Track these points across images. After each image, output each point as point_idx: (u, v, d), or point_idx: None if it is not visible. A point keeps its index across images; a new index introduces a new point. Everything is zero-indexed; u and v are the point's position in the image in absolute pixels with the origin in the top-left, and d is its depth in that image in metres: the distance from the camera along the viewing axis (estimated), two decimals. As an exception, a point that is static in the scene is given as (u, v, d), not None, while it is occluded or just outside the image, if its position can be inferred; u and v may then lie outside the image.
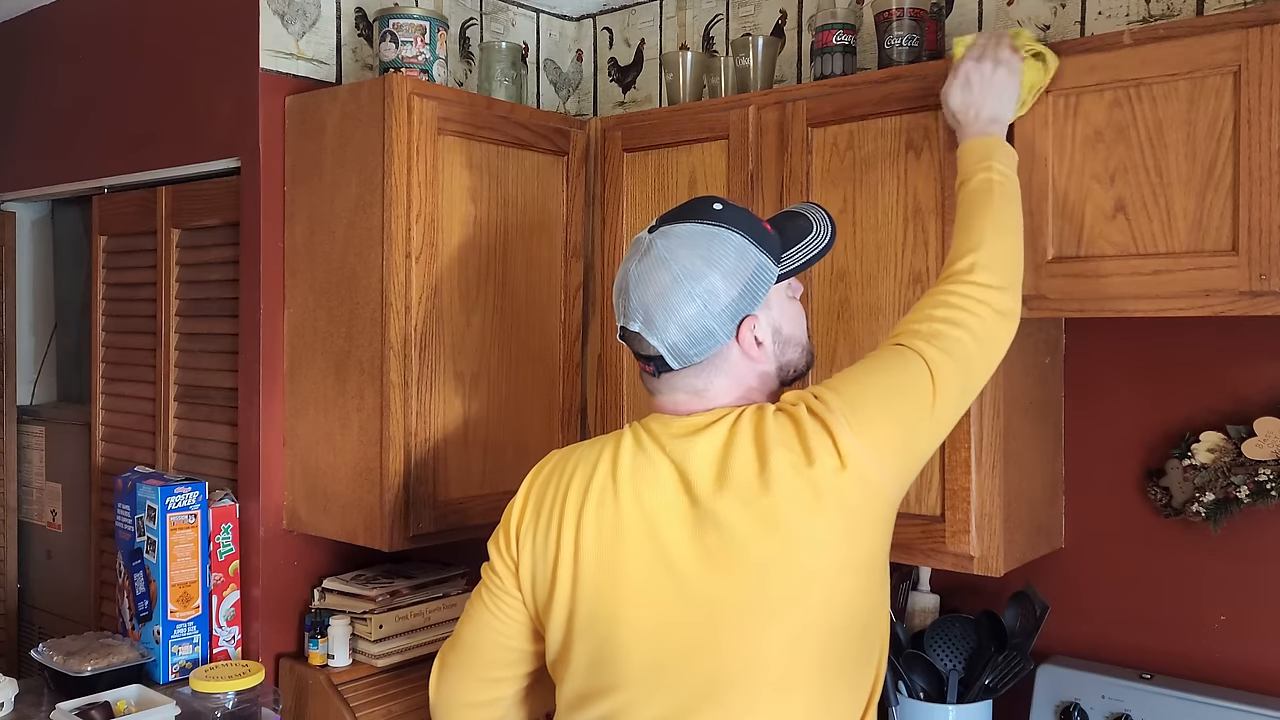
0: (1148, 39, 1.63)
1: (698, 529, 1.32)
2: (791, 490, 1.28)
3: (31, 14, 2.85)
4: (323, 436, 2.12)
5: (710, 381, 1.39)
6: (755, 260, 1.37)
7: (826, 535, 1.29)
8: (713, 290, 1.35)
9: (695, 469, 1.34)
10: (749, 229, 1.39)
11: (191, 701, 1.98)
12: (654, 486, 1.36)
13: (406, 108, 1.99)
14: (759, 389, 1.42)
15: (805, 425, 1.31)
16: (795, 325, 1.45)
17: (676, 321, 1.35)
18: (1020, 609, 1.94)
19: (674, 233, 1.38)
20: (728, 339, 1.37)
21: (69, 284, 3.12)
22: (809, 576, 1.29)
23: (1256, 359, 1.85)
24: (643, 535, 1.35)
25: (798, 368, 1.46)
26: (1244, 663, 1.87)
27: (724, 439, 1.34)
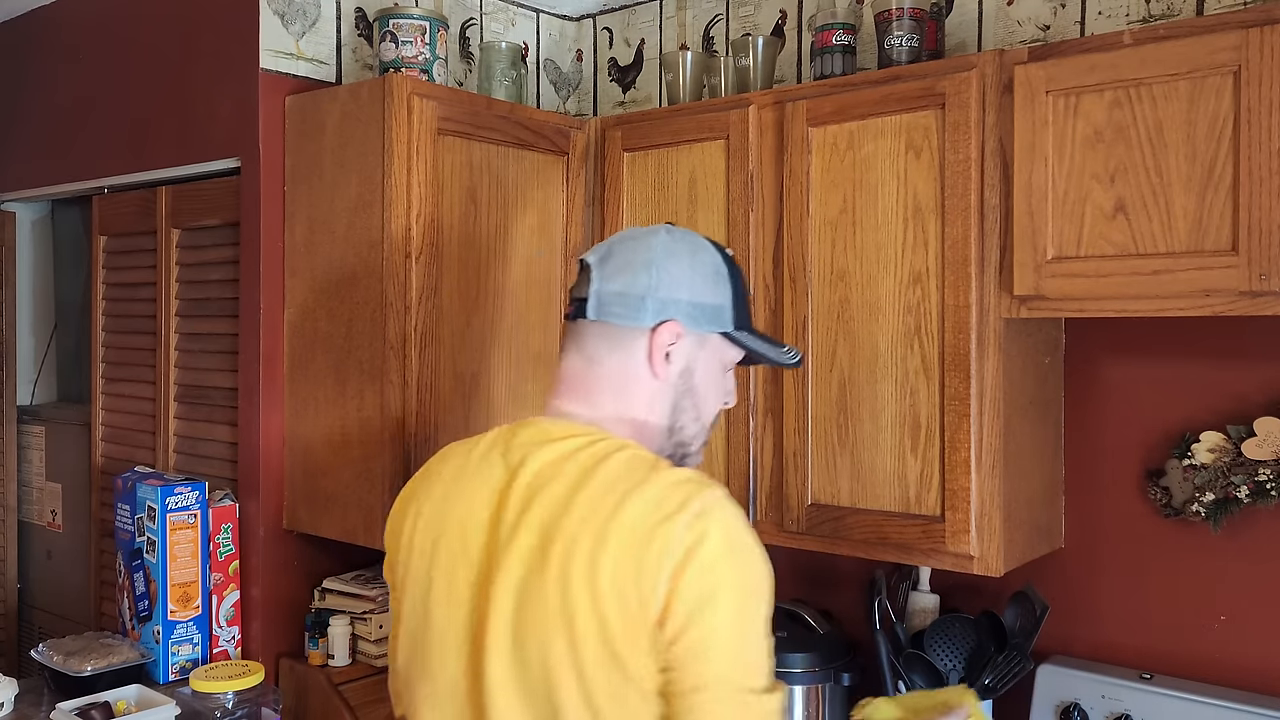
0: (1148, 39, 1.63)
1: (489, 542, 1.24)
2: (575, 525, 1.18)
3: (31, 14, 2.85)
4: (323, 437, 2.12)
5: (607, 355, 1.32)
6: (725, 302, 1.34)
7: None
8: (673, 278, 1.31)
9: (518, 481, 1.25)
10: (739, 284, 1.37)
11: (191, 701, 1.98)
12: (478, 490, 1.28)
13: (406, 108, 1.99)
14: (643, 404, 1.32)
15: (653, 485, 1.19)
16: (708, 388, 1.36)
17: (624, 273, 1.31)
18: (1020, 609, 1.94)
19: (686, 232, 1.38)
20: (647, 325, 1.30)
21: (69, 284, 3.12)
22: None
23: (1256, 359, 1.85)
24: (455, 541, 1.27)
25: (685, 431, 1.35)
26: (1244, 663, 1.87)
27: (562, 454, 1.25)
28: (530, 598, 1.18)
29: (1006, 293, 1.78)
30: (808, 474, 1.97)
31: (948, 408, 1.81)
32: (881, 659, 1.95)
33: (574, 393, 1.34)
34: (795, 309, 1.99)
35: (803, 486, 1.98)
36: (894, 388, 1.88)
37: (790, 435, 1.99)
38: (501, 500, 1.26)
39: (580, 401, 1.33)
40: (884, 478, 1.89)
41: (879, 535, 1.88)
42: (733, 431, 2.08)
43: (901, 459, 1.87)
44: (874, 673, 2.01)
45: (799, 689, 2.04)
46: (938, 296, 1.83)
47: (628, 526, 1.16)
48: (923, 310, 1.85)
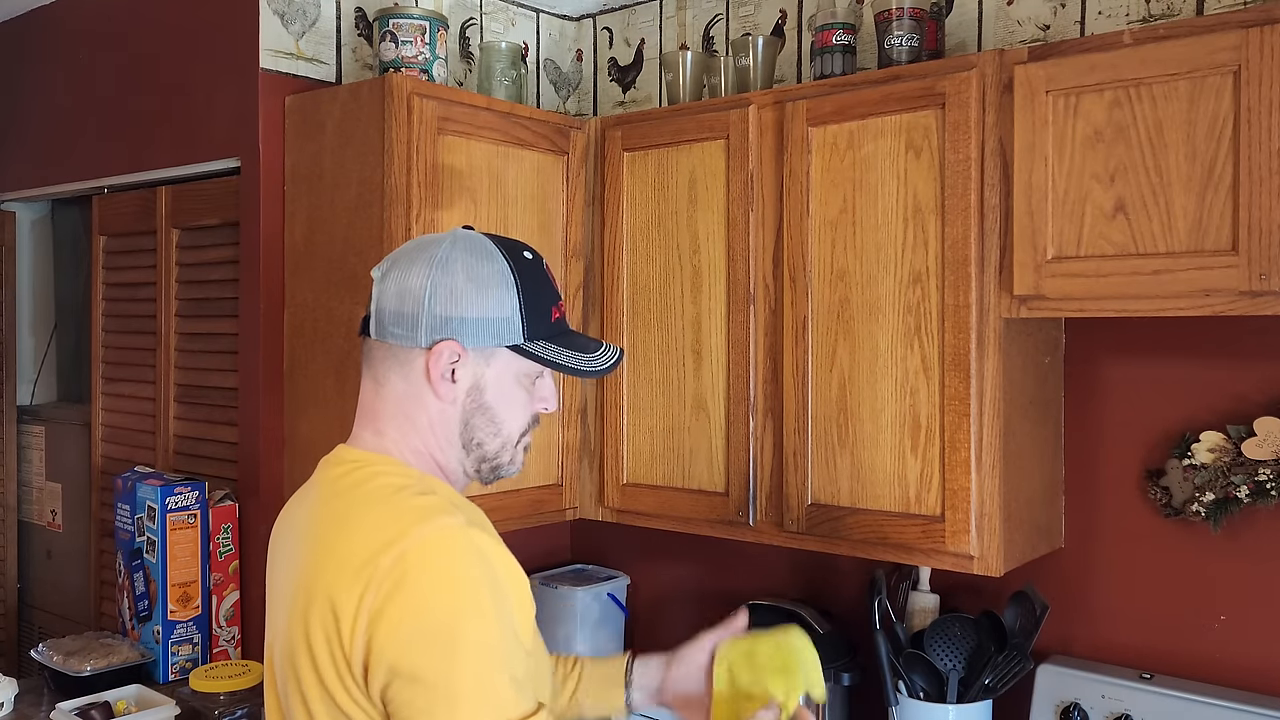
0: (1148, 39, 1.63)
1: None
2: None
3: (31, 14, 2.85)
4: (323, 436, 2.12)
5: (389, 375, 1.27)
6: (508, 314, 1.24)
7: None
8: (449, 295, 1.23)
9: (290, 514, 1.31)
10: (530, 292, 1.26)
11: (191, 701, 1.98)
12: (287, 527, 1.30)
13: (406, 108, 1.99)
14: (429, 428, 1.27)
15: (359, 517, 1.18)
16: (504, 405, 1.28)
17: (399, 290, 1.24)
18: (1020, 609, 1.94)
19: (473, 239, 1.28)
20: (423, 344, 1.24)
21: (69, 284, 3.12)
22: None
23: (1256, 359, 1.85)
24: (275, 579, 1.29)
25: (484, 446, 1.29)
26: (1244, 663, 1.87)
27: (316, 487, 1.28)
28: (283, 640, 1.18)
29: (1006, 293, 1.78)
30: (808, 474, 1.97)
31: (948, 408, 1.81)
32: (881, 659, 1.95)
33: (364, 418, 1.30)
34: (795, 309, 1.99)
35: (803, 486, 1.98)
36: (894, 388, 1.88)
37: (790, 435, 1.99)
38: (285, 537, 1.28)
39: (369, 427, 1.29)
40: (884, 478, 1.89)
41: (879, 535, 1.88)
42: (733, 431, 2.08)
43: (901, 459, 1.87)
44: (874, 673, 2.01)
45: (799, 689, 2.04)
46: (938, 296, 1.83)
47: (337, 564, 1.13)
48: (923, 310, 1.85)
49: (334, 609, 1.10)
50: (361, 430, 1.31)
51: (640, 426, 2.24)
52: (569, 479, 2.32)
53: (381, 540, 1.12)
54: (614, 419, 2.27)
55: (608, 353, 1.34)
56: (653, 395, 2.22)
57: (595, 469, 2.32)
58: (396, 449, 1.27)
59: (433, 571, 1.11)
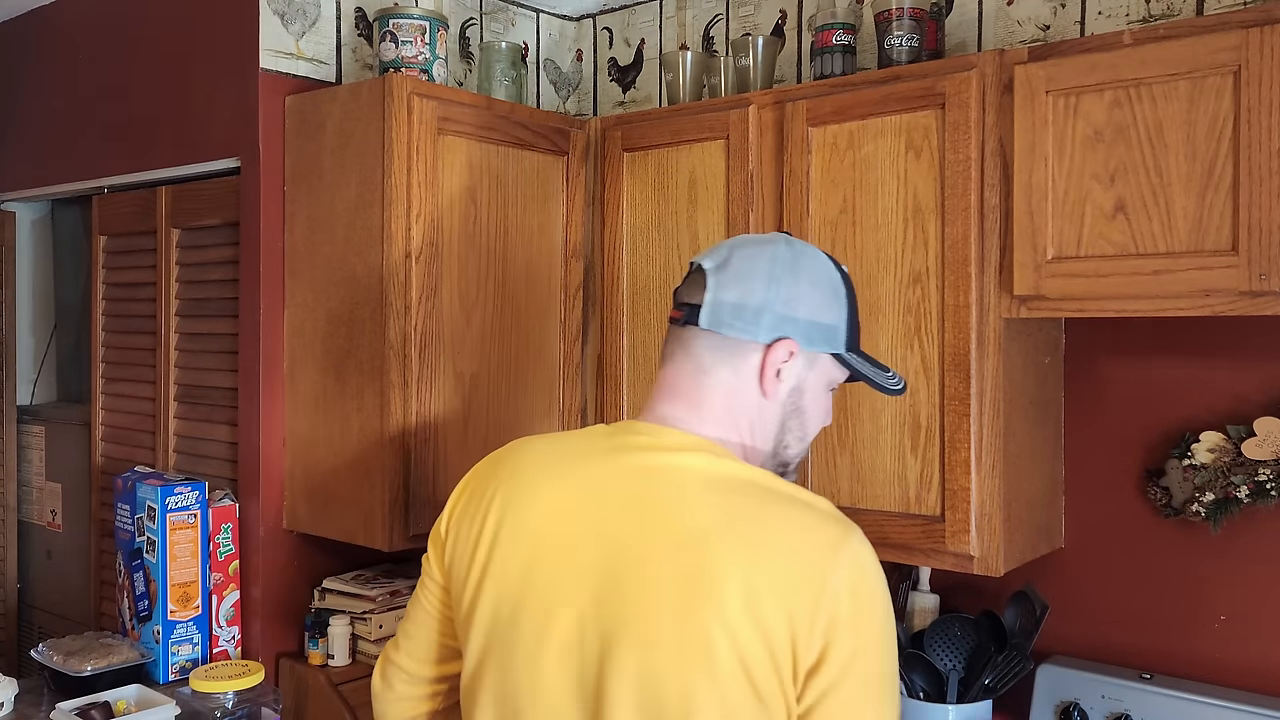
0: (1148, 39, 1.63)
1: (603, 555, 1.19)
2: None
3: (31, 14, 2.85)
4: (323, 436, 2.12)
5: (717, 365, 1.26)
6: (839, 322, 1.29)
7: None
8: (792, 294, 1.25)
9: (635, 493, 1.20)
10: (853, 306, 1.32)
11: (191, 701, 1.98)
12: (580, 503, 1.23)
13: (406, 108, 1.99)
14: (749, 421, 1.27)
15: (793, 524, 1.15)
16: (815, 408, 1.32)
17: (745, 284, 1.25)
18: (1020, 609, 1.94)
19: (807, 245, 1.32)
20: (762, 341, 1.25)
21: (69, 284, 3.12)
22: None
23: (1256, 359, 1.85)
24: (558, 561, 1.21)
25: (789, 449, 1.32)
26: (1244, 663, 1.87)
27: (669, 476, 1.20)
28: (661, 632, 1.12)
29: (1006, 293, 1.78)
30: (808, 474, 1.97)
31: (948, 408, 1.81)
32: (881, 659, 1.94)
33: (681, 400, 1.27)
34: (795, 309, 1.99)
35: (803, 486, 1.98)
36: (894, 388, 1.88)
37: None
38: (617, 513, 1.19)
39: (689, 410, 1.26)
40: (884, 478, 1.89)
41: (879, 535, 1.88)
42: (733, 431, 2.08)
43: (901, 459, 1.87)
44: (874, 673, 2.01)
45: (799, 689, 2.04)
46: (938, 296, 1.83)
47: (776, 565, 1.11)
48: (923, 310, 1.85)
49: (787, 612, 1.09)
50: (678, 411, 1.27)
51: (640, 426, 2.23)
52: (569, 479, 2.32)
53: (826, 544, 1.12)
54: (614, 419, 2.27)
55: (898, 377, 1.38)
56: (653, 395, 2.21)
57: (595, 469, 2.32)
58: (723, 438, 1.26)
59: (876, 590, 1.14)
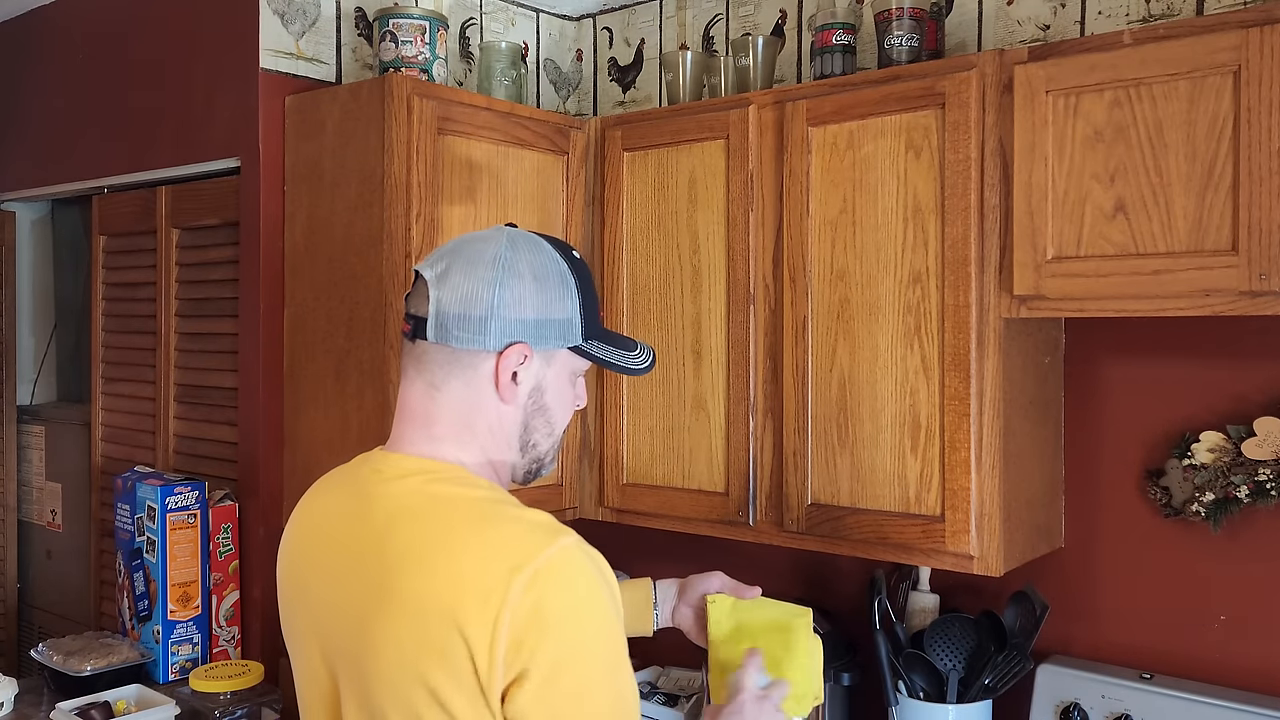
0: (1148, 39, 1.63)
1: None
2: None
3: (31, 14, 2.85)
4: (323, 436, 2.12)
5: (447, 380, 1.23)
6: (570, 314, 1.25)
7: None
8: (517, 296, 1.21)
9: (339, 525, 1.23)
10: (586, 293, 1.27)
11: (191, 701, 1.99)
12: (321, 540, 1.26)
13: (406, 108, 1.99)
14: (488, 428, 1.25)
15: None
16: (559, 404, 1.29)
17: (463, 292, 1.21)
18: (1020, 609, 1.94)
19: (528, 238, 1.27)
20: (492, 349, 1.22)
21: (69, 284, 3.12)
22: None
23: (1256, 359, 1.85)
24: (309, 575, 1.26)
25: (538, 448, 1.30)
26: (1244, 663, 1.87)
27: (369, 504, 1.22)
28: (373, 659, 1.13)
29: (1006, 293, 1.78)
30: (808, 474, 1.97)
31: (948, 408, 1.81)
32: (881, 659, 1.95)
33: (413, 422, 1.26)
34: (795, 309, 1.99)
35: (803, 486, 1.98)
36: (894, 388, 1.88)
37: (790, 435, 1.99)
38: (343, 546, 1.21)
39: (421, 431, 1.25)
40: (884, 478, 1.89)
41: (879, 535, 1.88)
42: (733, 431, 2.08)
43: (901, 459, 1.87)
44: (874, 673, 2.01)
45: (799, 689, 2.04)
46: (938, 296, 1.83)
47: (458, 588, 1.09)
48: (923, 310, 1.85)
49: (463, 634, 1.07)
50: (410, 433, 1.26)
51: (640, 426, 2.24)
52: (569, 479, 2.32)
53: (508, 563, 1.09)
54: (614, 419, 2.27)
55: (645, 352, 1.36)
56: (652, 395, 2.22)
57: (595, 469, 2.32)
58: (455, 455, 1.24)
59: (568, 595, 1.10)
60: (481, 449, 1.25)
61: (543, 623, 1.08)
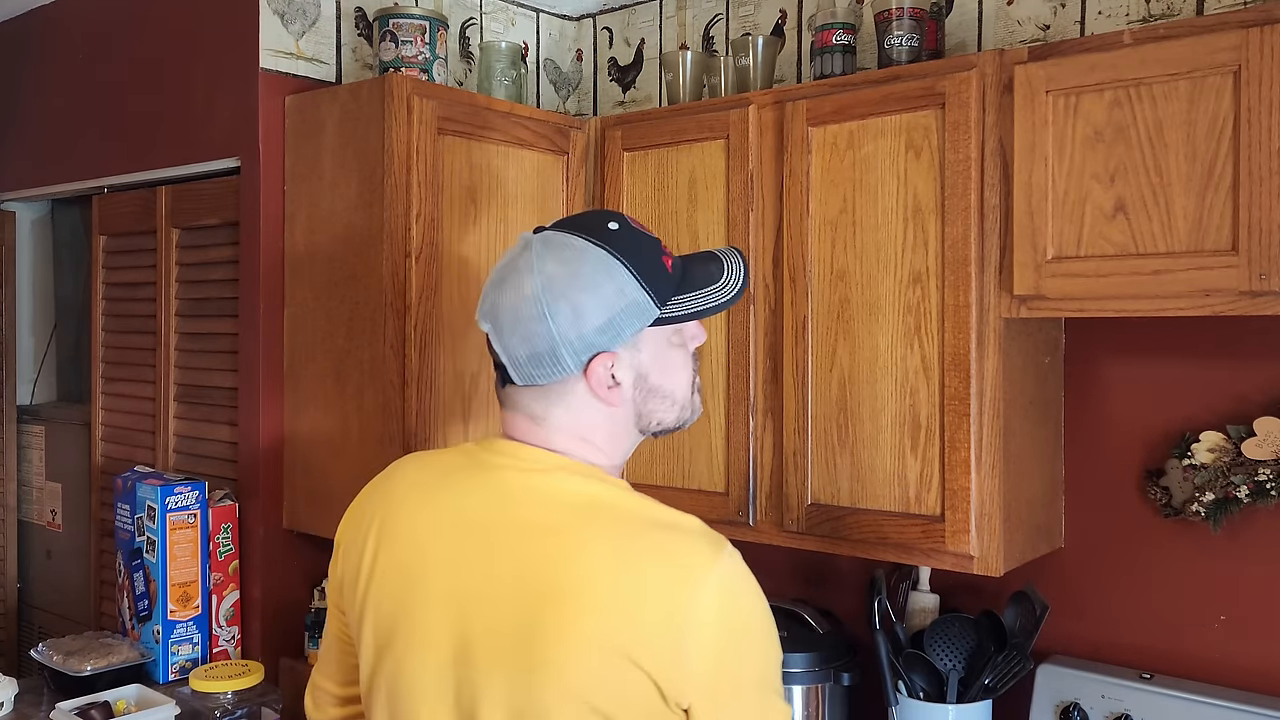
0: (1148, 39, 1.63)
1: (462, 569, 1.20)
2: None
3: (31, 14, 2.85)
4: (323, 436, 2.12)
5: (549, 410, 1.24)
6: (633, 296, 1.20)
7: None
8: (570, 314, 1.19)
9: (493, 512, 1.21)
10: (639, 261, 1.22)
11: (191, 701, 1.98)
12: (446, 526, 1.23)
13: (406, 107, 1.99)
14: (605, 434, 1.25)
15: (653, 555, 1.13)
16: (669, 376, 1.27)
17: (521, 335, 1.21)
18: (1020, 609, 1.94)
19: (555, 241, 1.23)
20: (576, 371, 1.21)
21: (69, 284, 3.12)
22: None
23: (1256, 359, 1.85)
24: (441, 566, 1.22)
25: (663, 423, 1.29)
26: (1244, 663, 1.87)
27: (553, 498, 1.20)
28: (525, 657, 1.12)
29: (1006, 293, 1.78)
30: (808, 474, 1.97)
31: (948, 408, 1.81)
32: (881, 659, 1.95)
33: (531, 437, 1.26)
34: (795, 309, 1.99)
35: (803, 486, 1.98)
36: (894, 388, 1.88)
37: (790, 435, 1.99)
38: (481, 536, 1.19)
39: (540, 441, 1.25)
40: (884, 478, 1.89)
41: (879, 535, 1.88)
42: (733, 431, 2.08)
43: (901, 459, 1.87)
44: (874, 672, 2.01)
45: (799, 689, 2.04)
46: (938, 296, 1.83)
47: (635, 590, 1.09)
48: (923, 310, 1.85)
49: (641, 650, 1.07)
50: (531, 439, 1.25)
51: (640, 426, 2.24)
52: (569, 479, 2.32)
53: (684, 579, 1.10)
54: (614, 419, 2.27)
55: (731, 272, 1.30)
56: (653, 395, 2.21)
57: (595, 469, 2.32)
58: (584, 456, 1.24)
59: (744, 607, 1.13)
60: (602, 453, 1.26)
61: (725, 636, 1.09)
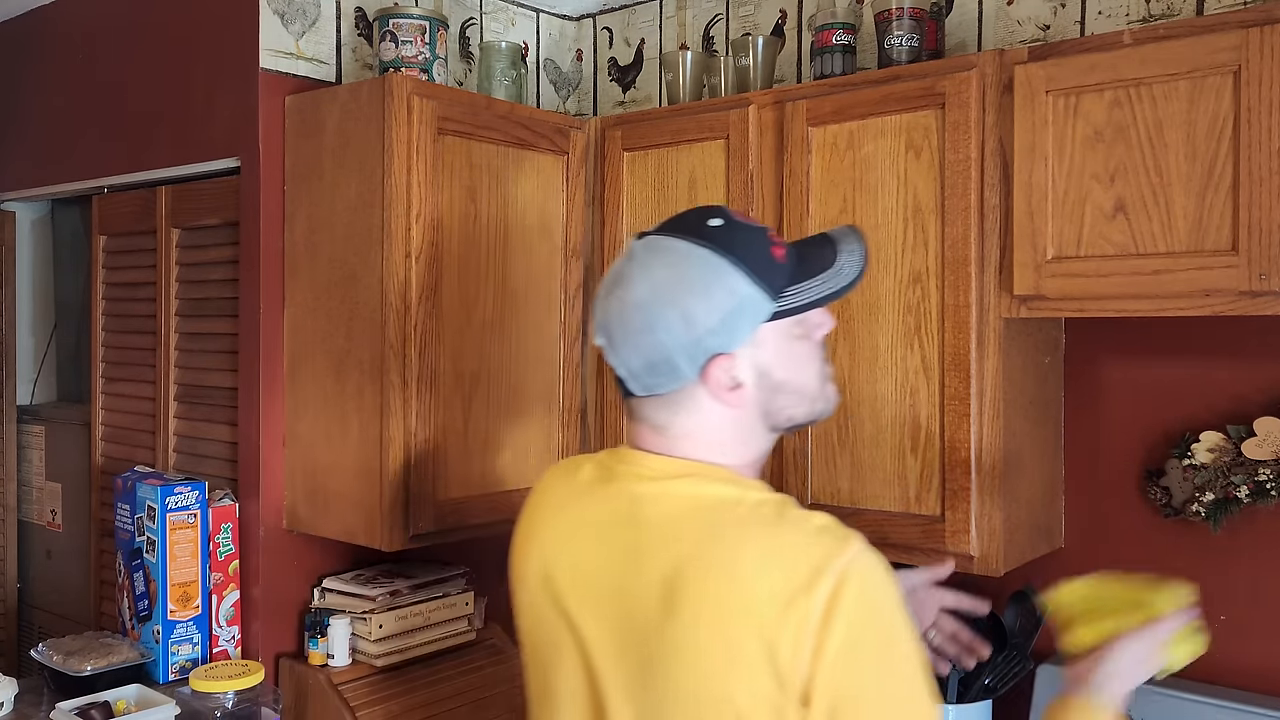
0: (1148, 39, 1.63)
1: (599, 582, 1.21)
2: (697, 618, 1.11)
3: (31, 14, 2.85)
4: (323, 436, 2.12)
5: (673, 419, 1.23)
6: (744, 293, 1.18)
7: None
8: (682, 319, 1.17)
9: (613, 526, 1.21)
10: (747, 255, 1.19)
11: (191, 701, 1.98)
12: (580, 538, 1.25)
13: (406, 107, 1.99)
14: (732, 438, 1.24)
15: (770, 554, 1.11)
16: (795, 369, 1.24)
17: (634, 346, 1.20)
18: (1020, 609, 1.94)
19: (657, 246, 1.22)
20: (693, 377, 1.19)
21: (69, 284, 3.12)
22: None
23: (1256, 359, 1.85)
24: (571, 575, 1.25)
25: (793, 418, 1.26)
26: (1244, 663, 1.87)
27: (674, 508, 1.19)
28: (663, 673, 1.12)
29: (1006, 293, 1.78)
30: (808, 474, 1.97)
31: (948, 408, 1.81)
32: (881, 659, 1.94)
33: (656, 446, 1.25)
34: (795, 309, 1.98)
35: (803, 486, 1.98)
36: (894, 388, 1.88)
37: (790, 435, 1.99)
38: (609, 546, 1.20)
39: (664, 449, 1.25)
40: (884, 478, 1.89)
41: (879, 535, 1.88)
42: (733, 431, 2.08)
43: (901, 459, 1.87)
44: (874, 673, 2.01)
45: (799, 689, 2.04)
46: (938, 296, 1.83)
47: (758, 592, 1.08)
48: (923, 310, 1.85)
49: (765, 644, 1.06)
50: (663, 447, 1.25)
51: (640, 426, 2.23)
52: (569, 479, 2.32)
53: (810, 564, 1.08)
54: (614, 419, 2.27)
55: (850, 250, 1.27)
56: (653, 395, 2.21)
57: (595, 469, 2.32)
58: (713, 459, 1.23)
59: (869, 601, 1.09)
60: (731, 455, 1.24)
61: (846, 631, 1.06)
